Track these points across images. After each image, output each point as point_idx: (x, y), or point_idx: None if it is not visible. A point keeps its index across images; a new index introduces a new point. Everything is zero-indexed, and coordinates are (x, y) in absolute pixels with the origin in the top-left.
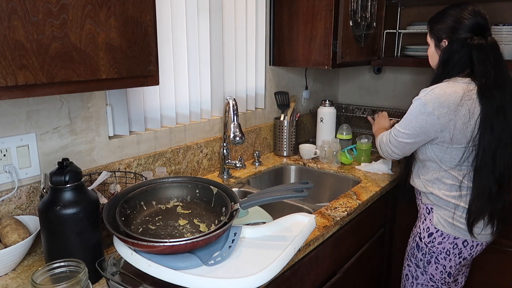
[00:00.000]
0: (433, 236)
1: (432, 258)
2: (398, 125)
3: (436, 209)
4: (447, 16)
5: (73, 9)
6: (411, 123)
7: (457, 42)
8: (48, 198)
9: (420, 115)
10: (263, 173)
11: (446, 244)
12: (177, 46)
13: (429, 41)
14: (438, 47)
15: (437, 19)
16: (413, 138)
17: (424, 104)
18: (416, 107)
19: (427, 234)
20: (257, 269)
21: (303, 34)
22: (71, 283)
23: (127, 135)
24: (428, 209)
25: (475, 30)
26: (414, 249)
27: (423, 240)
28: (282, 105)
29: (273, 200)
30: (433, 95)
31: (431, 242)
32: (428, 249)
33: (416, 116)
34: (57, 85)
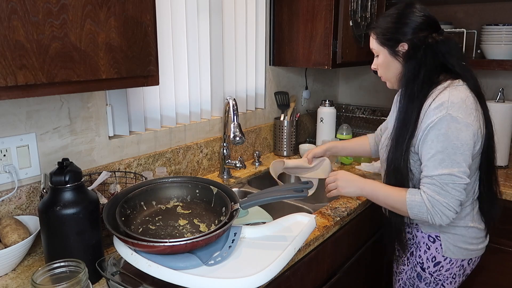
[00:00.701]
0: (441, 265)
1: (438, 286)
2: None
3: (444, 237)
4: (397, 17)
5: (73, 9)
6: (457, 149)
7: (419, 42)
8: (48, 198)
9: (461, 132)
10: (263, 173)
11: (453, 269)
12: (177, 46)
13: (378, 50)
14: (395, 53)
15: (385, 23)
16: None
17: (455, 119)
18: (449, 127)
19: (433, 264)
20: (257, 269)
21: (303, 34)
22: (71, 283)
23: (127, 135)
24: (432, 237)
25: (431, 26)
26: (413, 279)
27: (427, 270)
28: (282, 105)
29: (273, 200)
30: (455, 106)
31: (438, 271)
32: (434, 278)
33: (457, 138)
34: (57, 85)
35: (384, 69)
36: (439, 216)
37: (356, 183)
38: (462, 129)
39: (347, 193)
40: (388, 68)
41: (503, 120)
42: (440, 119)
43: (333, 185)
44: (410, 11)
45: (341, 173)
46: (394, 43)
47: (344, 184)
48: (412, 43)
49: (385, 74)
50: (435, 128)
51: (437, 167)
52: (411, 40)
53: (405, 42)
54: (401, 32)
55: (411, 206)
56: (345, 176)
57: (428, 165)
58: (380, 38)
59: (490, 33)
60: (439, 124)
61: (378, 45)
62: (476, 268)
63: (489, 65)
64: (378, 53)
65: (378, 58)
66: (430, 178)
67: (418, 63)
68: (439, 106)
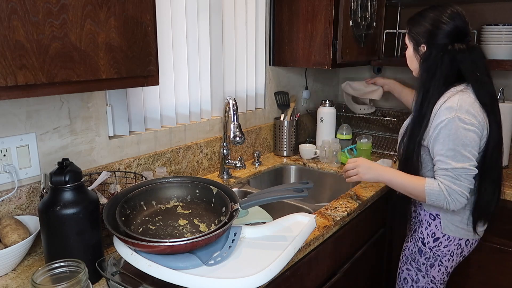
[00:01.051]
0: (439, 241)
1: (436, 261)
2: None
3: (443, 215)
4: (426, 19)
5: (73, 9)
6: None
7: (436, 48)
8: (48, 198)
9: (467, 132)
10: (263, 173)
11: (451, 247)
12: (177, 46)
13: (408, 43)
14: (417, 51)
15: (416, 21)
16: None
17: (463, 121)
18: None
19: (432, 240)
20: (257, 269)
21: (303, 34)
22: (71, 283)
23: (127, 135)
24: (432, 215)
25: (454, 36)
26: (415, 254)
27: (427, 245)
28: (282, 105)
29: (273, 200)
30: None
31: (437, 246)
32: (433, 253)
33: (465, 136)
34: (57, 85)
35: (409, 61)
36: (454, 203)
37: (375, 170)
38: (469, 129)
39: (367, 179)
40: (411, 61)
41: (503, 120)
42: (449, 120)
43: (353, 172)
44: (442, 17)
45: (361, 160)
46: (417, 42)
47: (365, 170)
48: (431, 47)
49: (409, 64)
50: (446, 129)
51: (451, 162)
52: (430, 45)
53: (425, 44)
54: (424, 35)
55: (429, 194)
56: (365, 163)
57: (443, 160)
58: (410, 33)
59: (490, 33)
60: (449, 125)
61: (407, 38)
62: (476, 268)
63: (489, 65)
64: (407, 45)
65: (407, 50)
66: (445, 170)
67: (434, 66)
68: (448, 108)
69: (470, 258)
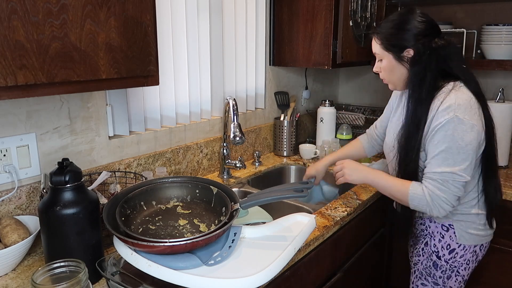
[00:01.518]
0: (455, 252)
1: (453, 272)
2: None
3: (457, 225)
4: (403, 24)
5: (73, 9)
6: (461, 149)
7: (424, 48)
8: (48, 198)
9: (466, 133)
10: (263, 173)
11: (467, 255)
12: (177, 46)
13: (383, 55)
14: (401, 58)
15: (390, 29)
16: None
17: (461, 120)
18: (455, 129)
19: (448, 252)
20: (257, 269)
21: (303, 34)
22: (71, 283)
23: (127, 135)
24: (445, 226)
25: (433, 32)
26: (430, 268)
27: (443, 258)
28: (282, 105)
29: (273, 200)
30: (461, 107)
31: (453, 258)
32: (449, 265)
33: (462, 138)
34: (57, 85)
35: (388, 73)
36: (437, 209)
37: (360, 171)
38: (467, 130)
39: (353, 180)
40: (393, 72)
41: (503, 120)
42: (447, 121)
43: (340, 173)
44: (413, 17)
45: (347, 162)
46: (400, 49)
47: (350, 172)
48: (417, 48)
49: (388, 77)
50: (443, 129)
51: (440, 165)
52: (416, 46)
53: (410, 48)
54: (406, 39)
55: (412, 198)
56: (351, 164)
57: (432, 163)
58: (385, 43)
59: (490, 33)
60: (446, 125)
61: (382, 50)
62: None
63: (489, 65)
64: (382, 57)
65: (382, 62)
66: (432, 174)
67: (424, 68)
68: (446, 108)
69: None
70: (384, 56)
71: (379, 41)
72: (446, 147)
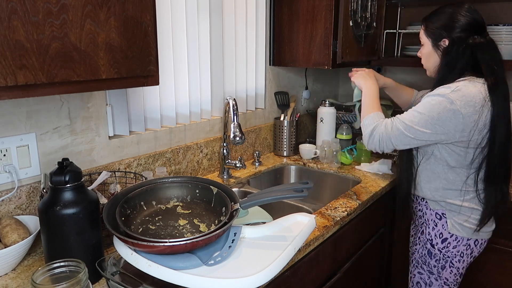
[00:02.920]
0: (448, 241)
1: (447, 263)
2: (410, 120)
3: (449, 214)
4: (445, 14)
5: (73, 9)
6: (431, 120)
7: (459, 41)
8: (48, 198)
9: (445, 112)
10: (263, 173)
11: (460, 247)
12: (177, 46)
13: (424, 41)
14: (437, 46)
15: (434, 18)
16: (431, 137)
17: (451, 101)
18: (440, 103)
19: (441, 240)
20: (257, 269)
21: (303, 34)
22: (71, 283)
23: (127, 135)
24: (438, 215)
25: (475, 28)
26: (425, 257)
27: (436, 246)
28: (282, 105)
29: (273, 200)
30: (460, 93)
31: (446, 247)
32: (443, 254)
33: (439, 113)
34: (57, 85)
35: (425, 59)
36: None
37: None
38: (448, 112)
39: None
40: (429, 59)
41: None
42: (438, 93)
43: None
44: (459, 10)
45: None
46: (437, 37)
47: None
48: (452, 40)
49: (425, 63)
50: (430, 97)
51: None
52: (452, 38)
53: (446, 38)
54: (445, 29)
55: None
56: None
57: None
58: (428, 30)
59: (490, 33)
60: (435, 96)
61: (424, 36)
62: (476, 268)
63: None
64: (423, 43)
65: (423, 48)
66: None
67: (454, 59)
68: (447, 87)
69: None
70: (424, 42)
71: (424, 27)
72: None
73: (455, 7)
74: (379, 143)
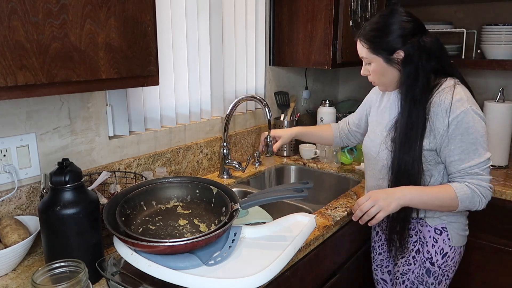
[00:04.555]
0: (448, 255)
1: (444, 277)
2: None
3: (449, 227)
4: (389, 26)
5: (73, 9)
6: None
7: (414, 48)
8: (48, 198)
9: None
10: (263, 173)
11: (456, 257)
12: (177, 46)
13: (372, 58)
14: (391, 60)
15: (379, 33)
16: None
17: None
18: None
19: (441, 256)
20: (257, 269)
21: (303, 34)
22: (71, 283)
23: (127, 135)
24: (438, 230)
25: (420, 30)
26: (422, 276)
27: (436, 263)
28: (282, 105)
29: (273, 200)
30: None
31: (445, 262)
32: (442, 270)
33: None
34: (57, 85)
35: (378, 76)
36: (485, 200)
37: (394, 196)
38: (481, 120)
39: (393, 209)
40: (384, 75)
41: (503, 120)
42: (465, 112)
43: (375, 209)
44: (399, 17)
45: (374, 193)
46: (389, 52)
47: (386, 202)
48: (407, 49)
49: (379, 80)
50: (463, 122)
51: (474, 158)
52: (406, 47)
53: (400, 49)
54: (394, 41)
55: (463, 199)
56: (380, 194)
57: (463, 158)
58: (373, 47)
59: (490, 33)
60: (465, 117)
61: (370, 54)
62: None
63: (489, 65)
64: (370, 61)
65: (371, 66)
66: (469, 168)
67: (416, 68)
68: (459, 100)
69: (470, 258)
70: (372, 60)
71: (366, 45)
72: (473, 139)
73: (394, 16)
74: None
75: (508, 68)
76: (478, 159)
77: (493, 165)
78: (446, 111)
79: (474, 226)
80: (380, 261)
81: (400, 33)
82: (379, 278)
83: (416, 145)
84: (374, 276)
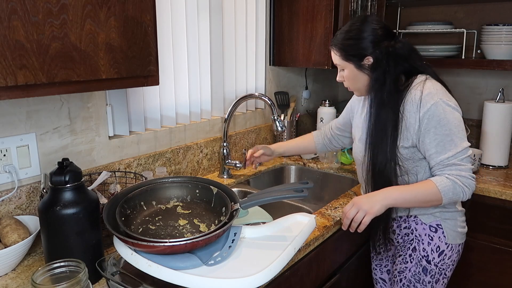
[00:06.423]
0: (444, 253)
1: (441, 276)
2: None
3: (444, 224)
4: (360, 33)
5: (73, 9)
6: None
7: (382, 53)
8: (48, 198)
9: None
10: (263, 173)
11: (453, 256)
12: (177, 46)
13: (344, 65)
14: (361, 66)
15: (350, 41)
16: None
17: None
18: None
19: (437, 254)
20: (257, 269)
21: (303, 34)
22: (71, 283)
23: (127, 135)
24: (433, 227)
25: (389, 35)
26: (419, 275)
27: (433, 261)
28: (282, 105)
29: (273, 200)
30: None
31: (442, 260)
32: (438, 268)
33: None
34: (57, 85)
35: (351, 81)
36: (469, 189)
37: (377, 199)
38: (453, 110)
39: (377, 211)
40: (356, 81)
41: (503, 120)
42: (434, 105)
43: (360, 215)
44: (368, 25)
45: (356, 199)
46: (359, 58)
47: (369, 205)
48: (376, 55)
49: (353, 85)
50: (434, 115)
51: (450, 149)
52: (375, 53)
53: (369, 55)
54: (364, 47)
55: (445, 192)
56: (362, 199)
57: (440, 150)
58: (344, 54)
59: (490, 33)
60: (435, 110)
61: (342, 61)
62: (476, 268)
63: (489, 65)
64: (343, 68)
65: (344, 72)
66: (446, 160)
67: (383, 73)
68: (428, 94)
69: (470, 258)
70: (345, 66)
71: (338, 52)
72: (447, 130)
73: (364, 24)
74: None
75: (508, 68)
76: (454, 149)
77: (493, 165)
78: (417, 107)
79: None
80: (379, 261)
81: (369, 40)
82: (378, 277)
83: (388, 146)
84: (373, 275)
